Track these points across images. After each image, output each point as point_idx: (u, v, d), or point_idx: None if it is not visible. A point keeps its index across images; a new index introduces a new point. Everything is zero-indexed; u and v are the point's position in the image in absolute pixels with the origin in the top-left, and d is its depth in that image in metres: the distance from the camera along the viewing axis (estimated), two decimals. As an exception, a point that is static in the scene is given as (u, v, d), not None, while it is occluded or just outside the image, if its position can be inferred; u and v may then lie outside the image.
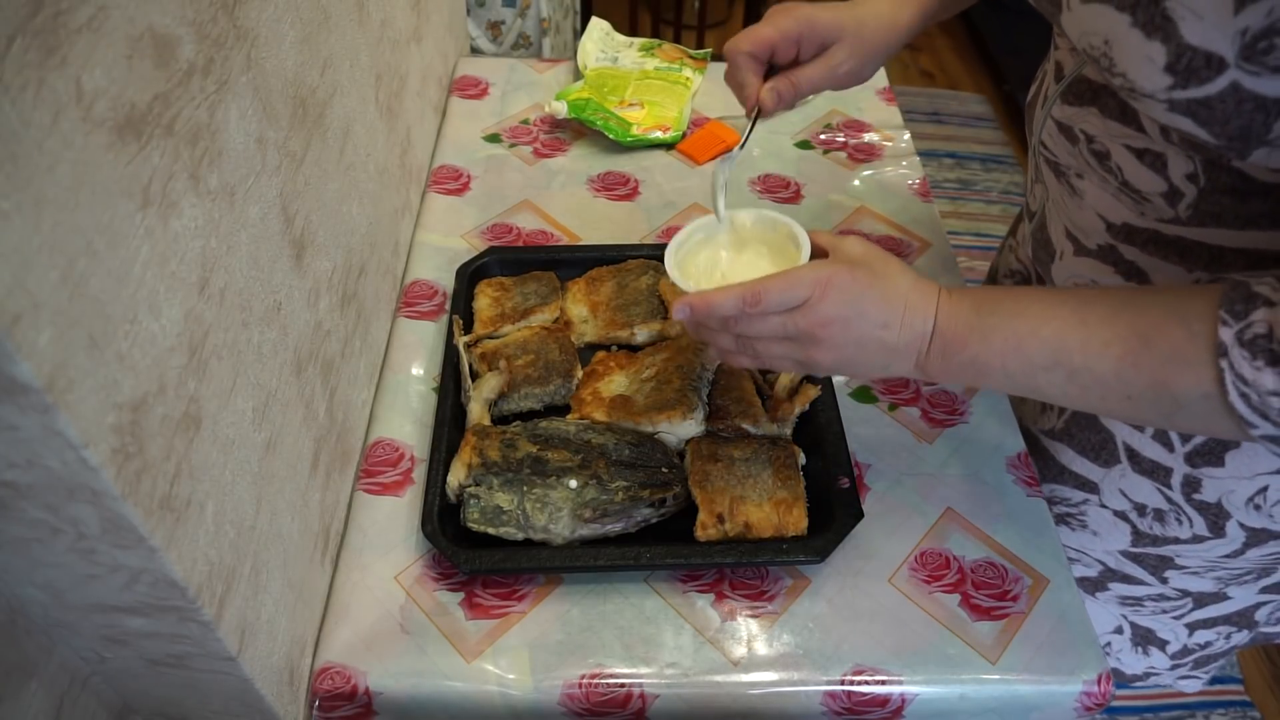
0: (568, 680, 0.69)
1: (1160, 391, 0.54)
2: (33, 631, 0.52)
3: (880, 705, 0.70)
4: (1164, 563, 0.81)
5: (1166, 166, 0.62)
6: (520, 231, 1.04)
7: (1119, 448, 0.77)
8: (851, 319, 0.61)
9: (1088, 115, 0.66)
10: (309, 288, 0.68)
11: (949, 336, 0.60)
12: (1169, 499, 0.76)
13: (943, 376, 0.63)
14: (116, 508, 0.42)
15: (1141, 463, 0.76)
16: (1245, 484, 0.71)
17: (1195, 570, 0.80)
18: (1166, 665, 0.91)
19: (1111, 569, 0.85)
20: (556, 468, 0.75)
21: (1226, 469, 0.71)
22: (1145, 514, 0.79)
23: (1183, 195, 0.62)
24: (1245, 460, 0.70)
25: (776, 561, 0.73)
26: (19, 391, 0.36)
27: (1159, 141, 0.61)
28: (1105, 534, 0.83)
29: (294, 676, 0.66)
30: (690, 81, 1.22)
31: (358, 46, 0.80)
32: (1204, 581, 0.81)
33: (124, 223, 0.42)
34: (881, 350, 0.62)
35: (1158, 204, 0.64)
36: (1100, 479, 0.80)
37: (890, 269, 0.63)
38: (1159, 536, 0.79)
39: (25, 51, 0.34)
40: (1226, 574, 0.80)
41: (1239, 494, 0.72)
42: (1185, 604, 0.84)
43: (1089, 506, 0.83)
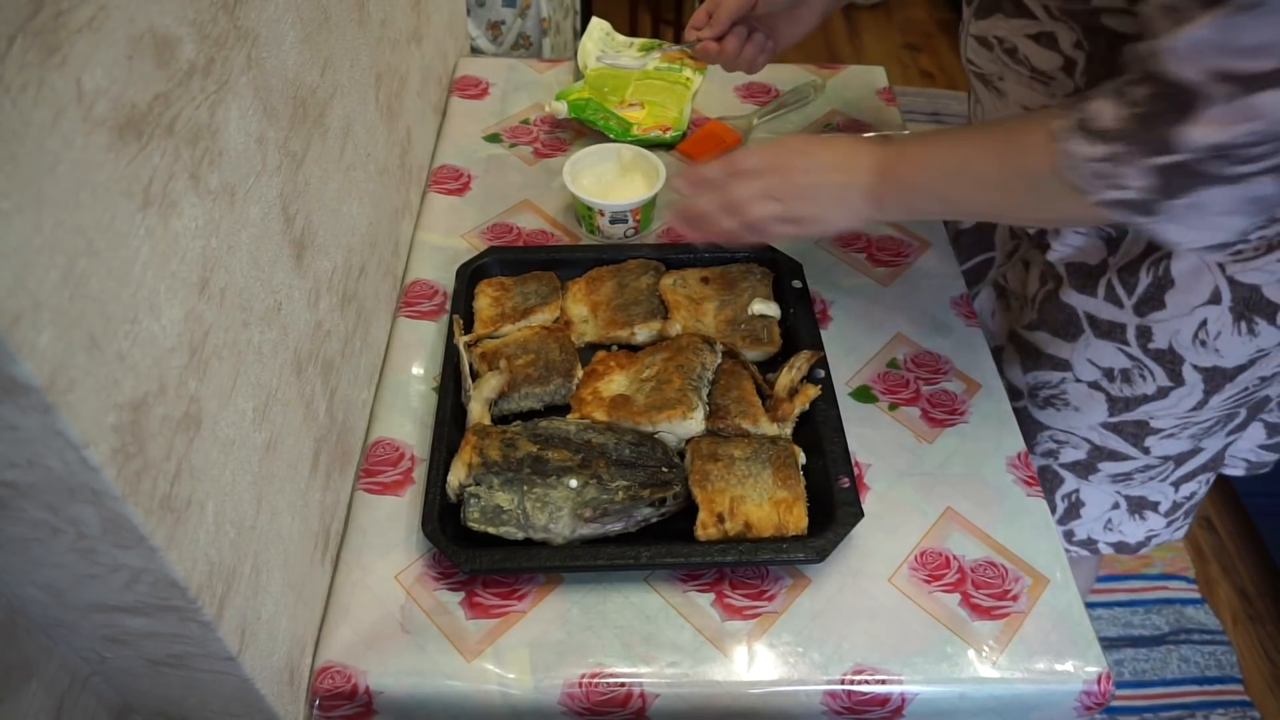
0: (568, 680, 0.69)
1: (1027, 179, 0.68)
2: (33, 631, 0.52)
3: (880, 705, 0.70)
4: (1142, 429, 0.88)
5: (1057, 41, 0.73)
6: (520, 231, 1.04)
7: (1081, 317, 0.86)
8: (806, 165, 0.78)
9: (995, 23, 0.78)
10: (309, 288, 0.68)
11: (887, 165, 0.75)
12: (1129, 355, 0.84)
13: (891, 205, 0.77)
14: (117, 508, 0.42)
15: (1100, 325, 0.84)
16: (1187, 321, 0.79)
17: (1171, 432, 0.88)
18: (1163, 524, 0.99)
19: (1098, 446, 0.92)
20: (557, 467, 0.75)
21: (1168, 309, 0.80)
22: (1114, 378, 0.86)
23: (1075, 63, 0.73)
24: (1182, 296, 0.78)
25: (776, 561, 0.73)
26: (19, 391, 0.36)
27: (1047, 22, 0.73)
28: (1085, 408, 0.90)
29: (294, 676, 0.66)
30: (690, 81, 1.22)
31: (358, 46, 0.80)
32: (1180, 442, 0.89)
33: (124, 223, 0.42)
34: (840, 191, 0.77)
35: (1061, 80, 0.75)
36: (1070, 354, 0.88)
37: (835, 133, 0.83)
38: (1130, 398, 0.86)
39: (26, 51, 0.34)
40: (1198, 429, 0.88)
41: (1184, 333, 0.80)
42: (1167, 467, 0.92)
43: (1066, 384, 0.90)
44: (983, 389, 0.89)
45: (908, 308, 0.96)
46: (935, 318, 0.95)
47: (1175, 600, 1.62)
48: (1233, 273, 0.76)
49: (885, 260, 1.01)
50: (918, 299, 0.97)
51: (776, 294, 0.93)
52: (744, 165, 0.80)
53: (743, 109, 1.22)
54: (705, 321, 0.91)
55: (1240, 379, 0.82)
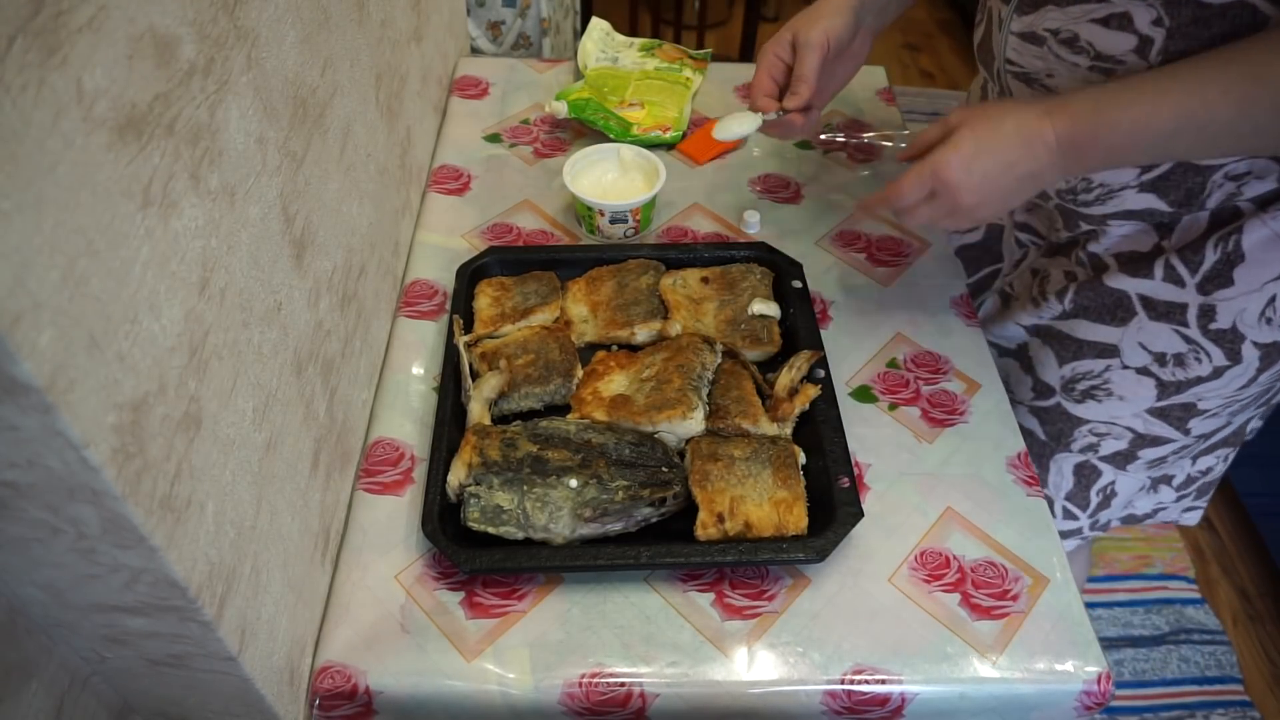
0: (568, 679, 0.69)
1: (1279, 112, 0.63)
2: (33, 631, 0.52)
3: (880, 704, 0.70)
4: (1189, 412, 0.87)
5: (1133, 21, 0.70)
6: (520, 231, 1.04)
7: (1134, 300, 0.84)
8: (979, 183, 0.71)
9: (1045, 14, 0.75)
10: (309, 288, 0.68)
11: (1076, 140, 0.69)
12: (1187, 338, 0.82)
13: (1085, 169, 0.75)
14: (117, 508, 0.42)
15: (1157, 308, 0.82)
16: (1256, 298, 0.78)
17: (1215, 411, 0.87)
18: (1173, 498, 0.98)
19: (1140, 434, 0.90)
20: (557, 467, 0.75)
21: (1237, 286, 0.78)
22: (1166, 362, 0.84)
23: (1152, 42, 0.70)
24: (1253, 272, 0.77)
25: (776, 561, 0.73)
26: (20, 391, 0.36)
27: (1120, 1, 0.70)
28: (1131, 395, 0.88)
29: (294, 676, 0.66)
30: (690, 81, 1.22)
31: (358, 46, 0.80)
32: (1219, 420, 0.88)
33: (124, 223, 0.42)
34: (1022, 181, 0.71)
35: (1132, 63, 0.72)
36: (1119, 339, 0.86)
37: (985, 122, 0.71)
38: (1182, 381, 0.84)
39: (26, 51, 0.34)
40: (1238, 405, 0.87)
41: (1250, 310, 0.78)
42: (1199, 445, 0.91)
43: (1112, 372, 0.88)
44: (983, 389, 0.89)
45: (908, 308, 0.96)
46: (935, 318, 0.95)
47: (1175, 600, 1.62)
48: None
49: (885, 260, 1.01)
50: (918, 299, 0.97)
51: (776, 294, 0.93)
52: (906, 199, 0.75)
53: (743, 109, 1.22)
54: (705, 321, 0.91)
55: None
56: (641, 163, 1.05)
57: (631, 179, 1.06)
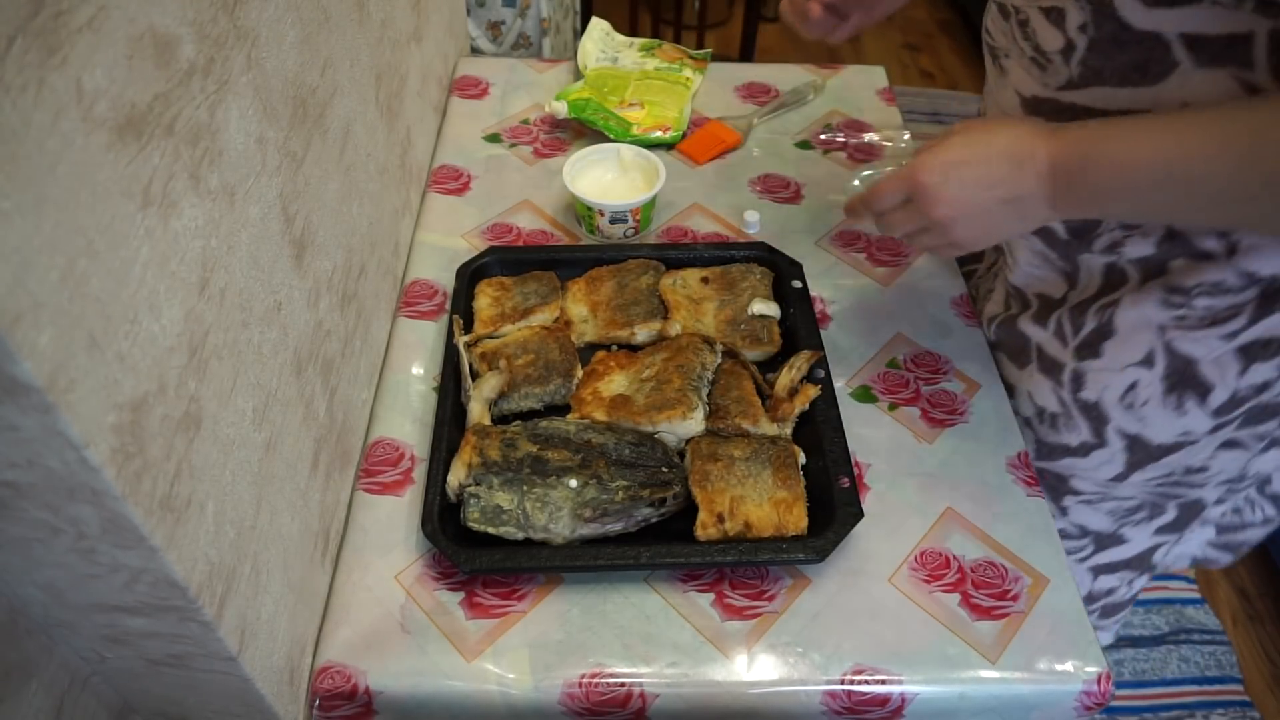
0: (568, 680, 0.69)
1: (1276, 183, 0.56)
2: (33, 631, 0.52)
3: (880, 705, 0.70)
4: (1061, 484, 0.86)
5: (1064, 19, 0.67)
6: (520, 231, 1.04)
7: (1032, 350, 0.83)
8: (957, 194, 0.67)
9: None
10: (309, 288, 0.68)
11: (1066, 169, 0.64)
12: (1061, 399, 0.81)
13: (1072, 210, 0.67)
14: (117, 508, 0.42)
15: (1044, 360, 0.82)
16: (1117, 378, 0.76)
17: (1089, 498, 0.85)
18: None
19: None
20: (557, 467, 0.75)
21: (1103, 359, 0.76)
22: (1044, 419, 0.84)
23: (1075, 48, 0.67)
24: (1118, 350, 0.75)
25: (776, 561, 0.73)
26: (20, 391, 0.36)
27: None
28: None
29: (294, 676, 0.66)
30: (690, 81, 1.22)
31: (358, 46, 0.80)
32: (1100, 517, 0.86)
33: (124, 223, 0.42)
34: (1005, 206, 0.67)
35: (1057, 65, 0.69)
36: (1017, 381, 0.87)
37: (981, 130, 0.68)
38: (1054, 445, 0.84)
39: (26, 51, 0.34)
40: (1118, 506, 0.85)
41: (1112, 389, 0.77)
42: (1087, 545, 0.89)
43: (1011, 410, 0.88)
44: (983, 389, 0.89)
45: (908, 308, 0.96)
46: (935, 318, 0.95)
47: (1175, 600, 1.62)
48: (1172, 338, 0.72)
49: (885, 260, 1.01)
50: (918, 299, 0.97)
51: (776, 294, 0.93)
52: (884, 203, 0.72)
53: (743, 109, 1.22)
54: (705, 321, 0.91)
55: (1166, 461, 0.79)
56: (641, 163, 1.05)
57: (631, 179, 1.06)
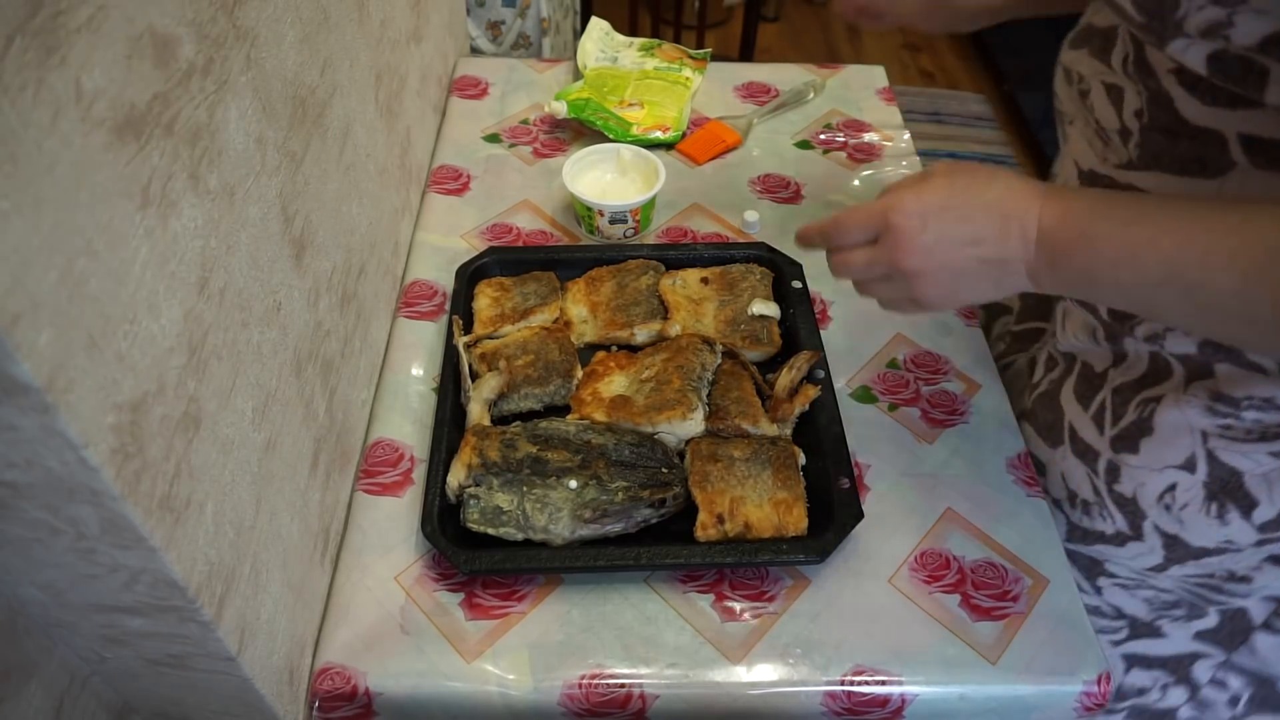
0: (568, 680, 0.69)
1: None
2: (33, 631, 0.52)
3: (880, 705, 0.70)
4: (1096, 567, 0.80)
5: (1123, 100, 0.63)
6: (520, 231, 1.04)
7: (1065, 428, 0.78)
8: (932, 246, 0.59)
9: (1081, 57, 0.68)
10: (309, 288, 0.68)
11: (1057, 244, 0.56)
12: (1095, 488, 0.75)
13: (1055, 287, 0.60)
14: (116, 508, 0.42)
15: (1078, 443, 0.76)
16: (1156, 477, 0.70)
17: (1124, 582, 0.78)
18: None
19: None
20: (556, 468, 0.75)
21: (1140, 457, 0.70)
22: (1075, 504, 0.79)
23: (1131, 134, 0.63)
24: (1157, 449, 0.69)
25: (776, 562, 0.73)
26: (19, 391, 0.36)
27: (1119, 75, 0.63)
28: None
29: (294, 677, 0.66)
30: (690, 81, 1.22)
31: (357, 46, 0.80)
32: (1136, 602, 0.79)
33: (123, 223, 0.42)
34: (983, 268, 0.59)
35: (1115, 144, 0.65)
36: (1048, 460, 0.81)
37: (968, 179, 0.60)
38: (1088, 531, 0.78)
39: (25, 51, 0.34)
40: (1155, 597, 0.78)
41: (1150, 488, 0.71)
42: (1122, 628, 0.82)
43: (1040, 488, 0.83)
44: (983, 389, 0.89)
45: (908, 308, 0.96)
46: (935, 318, 0.95)
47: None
48: (1215, 447, 0.67)
49: (885, 260, 1.01)
50: (918, 299, 0.97)
51: (776, 294, 0.93)
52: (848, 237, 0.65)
53: (742, 109, 1.22)
54: (705, 322, 0.91)
55: (1207, 562, 0.72)
56: (641, 163, 1.05)
57: (631, 179, 1.06)
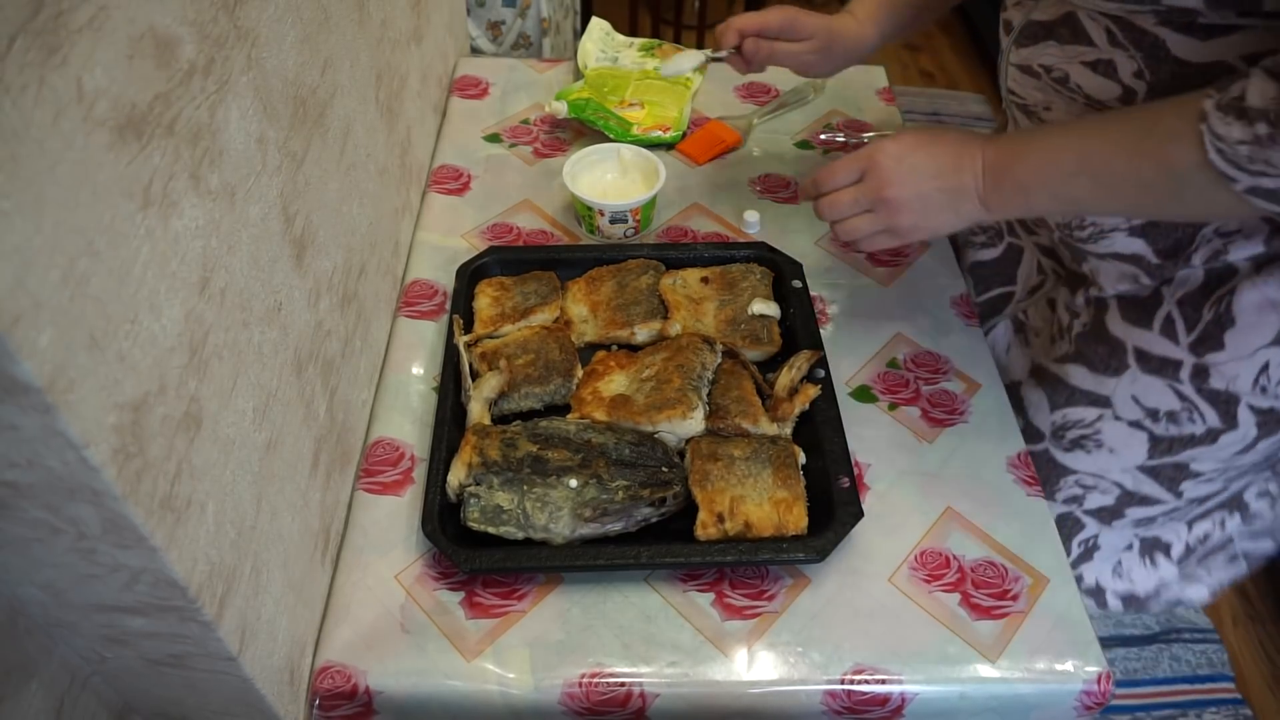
0: (568, 679, 0.69)
1: (1164, 171, 0.63)
2: (33, 631, 0.52)
3: (880, 704, 0.70)
4: (1180, 472, 0.83)
5: (1116, 70, 0.70)
6: (520, 231, 1.04)
7: (1129, 352, 0.81)
8: (907, 176, 0.74)
9: (1044, 50, 0.75)
10: (309, 288, 0.68)
11: (998, 166, 0.71)
12: (1181, 395, 0.79)
13: (1003, 206, 0.73)
14: (117, 508, 0.42)
15: (1150, 362, 0.80)
16: (1248, 364, 0.75)
17: (1210, 477, 0.83)
18: (1174, 574, 0.93)
19: (1129, 491, 0.86)
20: (557, 467, 0.75)
21: (1227, 350, 0.75)
22: (1159, 419, 0.81)
23: (1136, 93, 0.70)
24: (1244, 337, 0.74)
25: (776, 561, 0.73)
26: (20, 391, 0.36)
27: (1106, 49, 0.70)
28: (1122, 449, 0.84)
29: (294, 676, 0.66)
30: (690, 81, 1.22)
31: (358, 46, 0.80)
32: (1214, 485, 0.85)
33: (125, 223, 0.42)
34: (945, 196, 0.74)
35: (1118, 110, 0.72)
36: (1112, 390, 0.83)
37: (934, 131, 0.76)
38: (1175, 439, 0.81)
39: (26, 51, 0.34)
40: (1235, 473, 0.83)
41: (1244, 377, 0.76)
42: (1191, 509, 0.88)
43: (1103, 423, 0.85)
44: (983, 389, 0.89)
45: (908, 308, 0.96)
46: (935, 318, 0.95)
47: (1170, 600, 1.62)
48: None
49: (885, 260, 1.01)
50: (918, 299, 0.97)
51: (776, 294, 0.93)
52: (836, 180, 0.78)
53: (742, 109, 1.22)
54: (705, 321, 0.91)
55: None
56: (641, 163, 1.05)
57: (631, 179, 1.06)
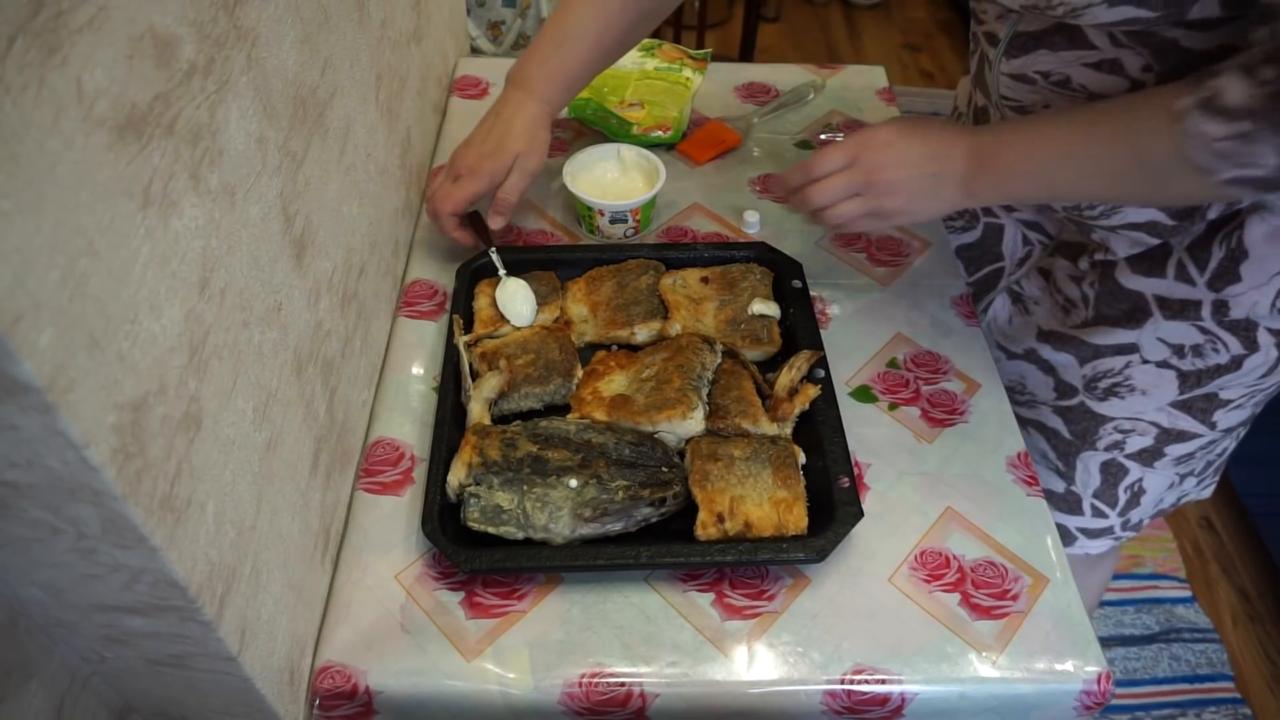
0: (568, 679, 0.69)
1: (1144, 162, 0.67)
2: (33, 631, 0.52)
3: (880, 704, 0.70)
4: (1211, 403, 0.87)
5: (1123, 67, 0.72)
6: (520, 231, 1.04)
7: (1149, 301, 0.84)
8: (895, 161, 0.77)
9: (1036, 58, 0.77)
10: (309, 288, 0.68)
11: (983, 154, 0.74)
12: (1203, 329, 0.82)
13: (986, 192, 0.77)
14: (117, 508, 0.42)
15: (1172, 306, 0.83)
16: (1265, 291, 0.78)
17: (1239, 403, 0.87)
18: (1194, 485, 0.98)
19: (1165, 429, 0.90)
20: (557, 467, 0.75)
21: (1245, 282, 0.78)
22: (1185, 354, 0.84)
23: (1144, 85, 0.72)
24: (1259, 265, 0.77)
25: (776, 561, 0.73)
26: (20, 391, 0.36)
27: (1109, 50, 0.72)
28: (1153, 389, 0.87)
29: (294, 676, 0.66)
30: (690, 81, 1.22)
31: (358, 46, 0.80)
32: (1244, 412, 0.89)
33: (125, 223, 0.42)
34: (932, 181, 0.77)
35: None
36: (1137, 337, 0.86)
37: (920, 120, 0.80)
38: (1202, 371, 0.85)
39: (26, 51, 0.34)
40: (1262, 396, 0.88)
41: (1262, 304, 0.79)
42: (1226, 440, 0.93)
43: (1132, 368, 0.88)
44: (983, 389, 0.89)
45: (908, 308, 0.96)
46: (935, 318, 0.95)
47: (1166, 600, 1.62)
48: None
49: (885, 260, 1.01)
50: (918, 299, 0.97)
51: (776, 294, 0.93)
52: (826, 166, 0.80)
53: (742, 109, 1.22)
54: (705, 321, 0.91)
55: None
56: (641, 163, 1.05)
57: (631, 179, 1.06)
